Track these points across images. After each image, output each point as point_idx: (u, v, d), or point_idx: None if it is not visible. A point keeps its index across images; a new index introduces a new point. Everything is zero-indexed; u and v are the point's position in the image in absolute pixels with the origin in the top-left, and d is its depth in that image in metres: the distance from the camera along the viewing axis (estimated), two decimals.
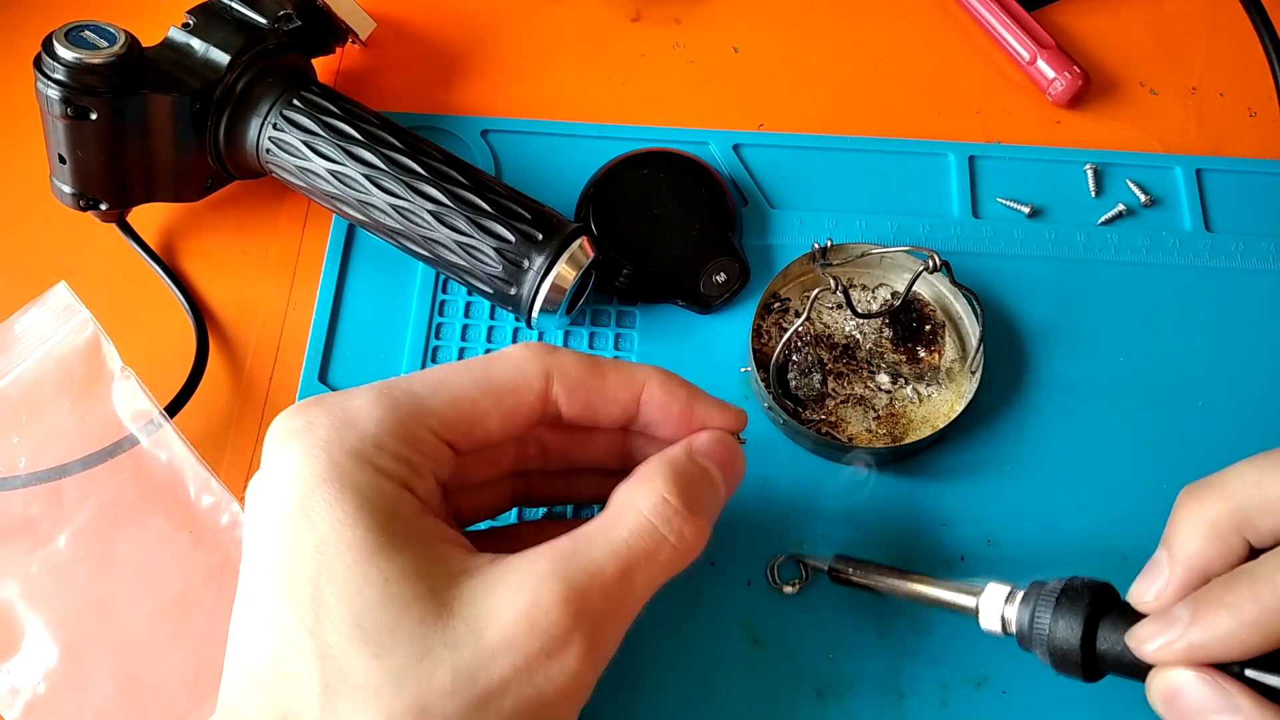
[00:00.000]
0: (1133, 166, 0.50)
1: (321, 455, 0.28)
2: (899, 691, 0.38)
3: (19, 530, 0.40)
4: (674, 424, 0.32)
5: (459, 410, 0.30)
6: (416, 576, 0.27)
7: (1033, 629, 0.31)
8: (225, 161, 0.45)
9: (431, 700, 0.25)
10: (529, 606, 0.26)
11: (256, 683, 0.27)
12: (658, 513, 0.29)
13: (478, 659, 0.26)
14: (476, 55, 0.53)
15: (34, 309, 0.42)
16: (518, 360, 0.31)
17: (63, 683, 0.38)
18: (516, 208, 0.42)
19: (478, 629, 0.26)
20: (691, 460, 0.31)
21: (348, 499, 0.27)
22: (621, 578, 0.28)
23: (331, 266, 0.47)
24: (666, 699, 0.38)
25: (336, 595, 0.26)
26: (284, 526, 0.27)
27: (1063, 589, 0.31)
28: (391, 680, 0.25)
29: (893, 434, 0.42)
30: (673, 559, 0.29)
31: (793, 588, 0.40)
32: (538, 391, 0.31)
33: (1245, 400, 0.44)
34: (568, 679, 0.26)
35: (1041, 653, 0.31)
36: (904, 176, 0.49)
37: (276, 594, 0.27)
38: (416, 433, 0.29)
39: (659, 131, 0.50)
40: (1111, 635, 0.30)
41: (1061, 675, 0.31)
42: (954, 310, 0.44)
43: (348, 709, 0.25)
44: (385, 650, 0.26)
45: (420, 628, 0.26)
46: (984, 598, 0.33)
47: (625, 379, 0.32)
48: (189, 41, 0.43)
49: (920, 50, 0.54)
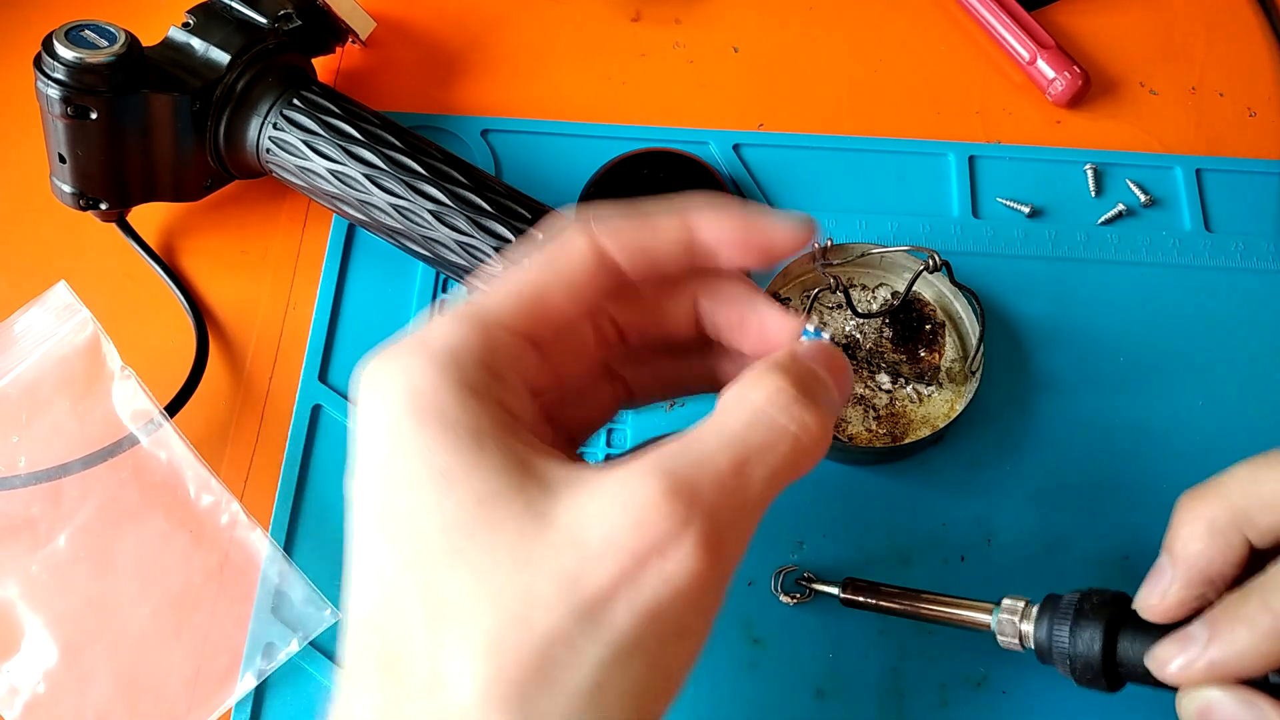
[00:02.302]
0: (1133, 166, 0.50)
1: (400, 388, 0.27)
2: (899, 691, 0.38)
3: (19, 530, 0.40)
4: (736, 246, 0.30)
5: (523, 296, 0.29)
6: (512, 492, 0.25)
7: (1052, 645, 0.31)
8: (225, 161, 0.45)
9: (534, 613, 0.24)
10: (634, 503, 0.24)
11: (371, 627, 0.26)
12: (774, 401, 0.26)
13: (580, 564, 0.24)
14: (476, 55, 0.53)
15: (34, 308, 0.42)
16: (559, 229, 0.30)
17: (62, 682, 0.38)
18: (517, 207, 0.42)
19: (579, 534, 0.24)
20: (800, 361, 0.28)
21: (432, 425, 0.26)
22: (736, 469, 0.25)
23: (331, 266, 0.47)
24: None
25: (432, 525, 0.25)
26: (378, 468, 0.27)
27: (1078, 603, 0.31)
28: (491, 598, 0.24)
29: (893, 434, 0.42)
30: (795, 451, 0.26)
31: (792, 600, 0.40)
32: (586, 250, 0.29)
33: (1246, 400, 0.44)
34: (687, 579, 0.24)
35: (1063, 668, 0.31)
36: (904, 176, 0.49)
37: (378, 537, 0.26)
38: (493, 334, 0.28)
39: (659, 131, 0.50)
40: (1131, 646, 0.30)
41: (1084, 688, 0.31)
42: (954, 310, 0.44)
43: (451, 635, 0.24)
44: (482, 571, 0.24)
45: (519, 542, 0.25)
46: (999, 615, 0.33)
47: (672, 212, 0.30)
48: (189, 41, 0.43)
49: (920, 50, 0.54)
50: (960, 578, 0.40)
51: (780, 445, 0.26)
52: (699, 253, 0.30)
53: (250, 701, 0.38)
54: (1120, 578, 0.40)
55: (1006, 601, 0.33)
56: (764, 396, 0.27)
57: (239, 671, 0.38)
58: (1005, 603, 0.33)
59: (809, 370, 0.28)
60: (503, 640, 0.24)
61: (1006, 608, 0.33)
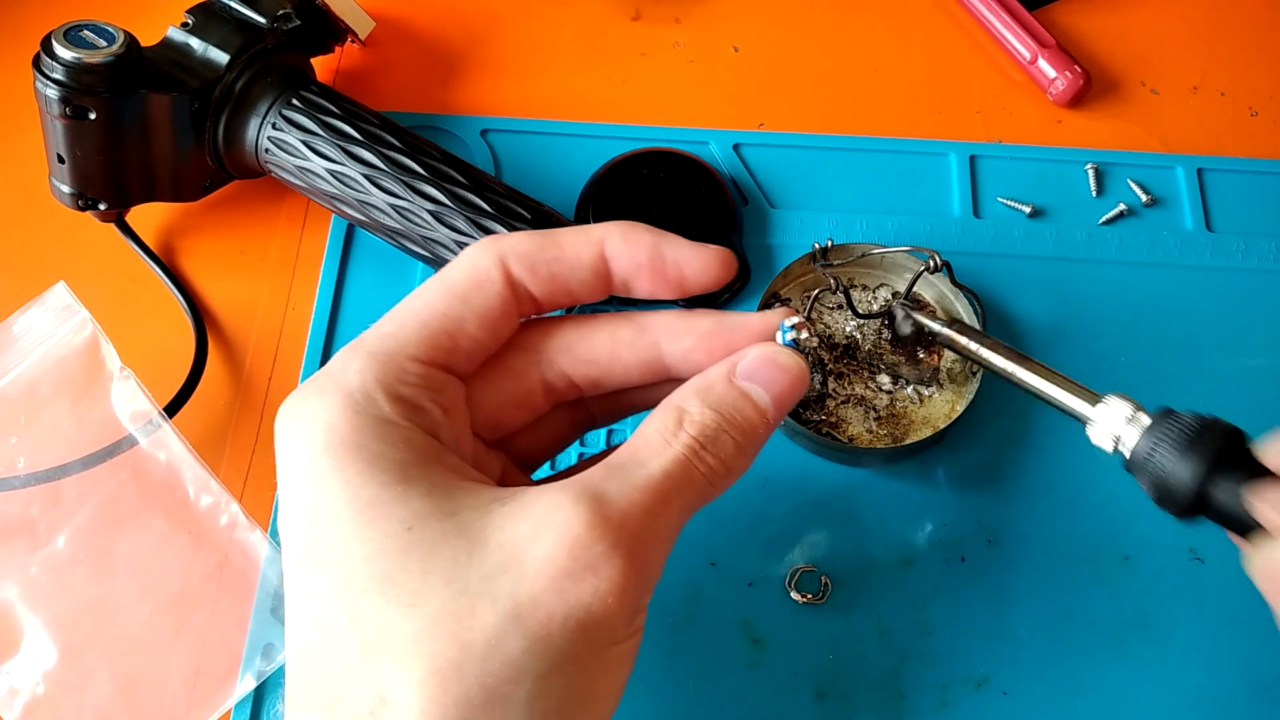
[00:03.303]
0: (1134, 166, 0.50)
1: (318, 425, 0.27)
2: (899, 692, 0.38)
3: (18, 531, 0.40)
4: (650, 277, 0.31)
5: (432, 327, 0.29)
6: (442, 515, 0.26)
7: (1150, 461, 0.30)
8: (224, 161, 0.45)
9: (474, 634, 0.24)
10: (567, 527, 0.25)
11: (308, 658, 0.26)
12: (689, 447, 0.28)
13: (516, 584, 0.25)
14: (476, 55, 0.53)
15: (33, 309, 0.42)
16: (468, 258, 0.30)
17: (62, 683, 0.38)
18: (516, 207, 0.42)
19: (513, 554, 0.25)
20: (729, 384, 0.30)
21: (354, 459, 0.26)
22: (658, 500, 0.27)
23: (331, 266, 0.47)
24: (666, 699, 0.38)
25: (360, 554, 0.25)
26: (303, 505, 0.27)
27: (1198, 429, 0.29)
28: (431, 624, 0.25)
29: (893, 435, 0.42)
30: (708, 487, 0.28)
31: (804, 598, 0.40)
32: (498, 278, 0.30)
33: (1247, 400, 0.44)
34: (616, 592, 0.26)
35: (1147, 483, 0.30)
36: (905, 176, 0.49)
37: (305, 570, 0.26)
38: (403, 366, 0.28)
39: (659, 131, 0.50)
40: (1228, 484, 0.29)
41: (1158, 506, 0.30)
42: (955, 310, 0.44)
43: (390, 662, 0.24)
44: (419, 597, 0.25)
45: (453, 566, 0.25)
46: (1102, 409, 0.31)
47: (583, 239, 0.30)
48: (188, 41, 0.43)
49: (921, 49, 0.54)
50: (961, 579, 0.40)
51: (699, 483, 0.28)
52: (616, 280, 0.31)
53: (250, 702, 0.38)
54: (1122, 578, 0.40)
55: (1114, 399, 0.32)
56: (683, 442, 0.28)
57: (238, 672, 0.38)
58: (1113, 399, 0.32)
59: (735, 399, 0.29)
60: (446, 665, 0.24)
61: (1113, 405, 0.31)
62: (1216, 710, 0.38)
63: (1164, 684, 0.39)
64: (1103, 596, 0.40)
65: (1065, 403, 0.33)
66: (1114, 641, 0.39)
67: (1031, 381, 0.34)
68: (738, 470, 0.29)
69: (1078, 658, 0.39)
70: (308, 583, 0.26)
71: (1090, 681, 0.39)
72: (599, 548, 0.25)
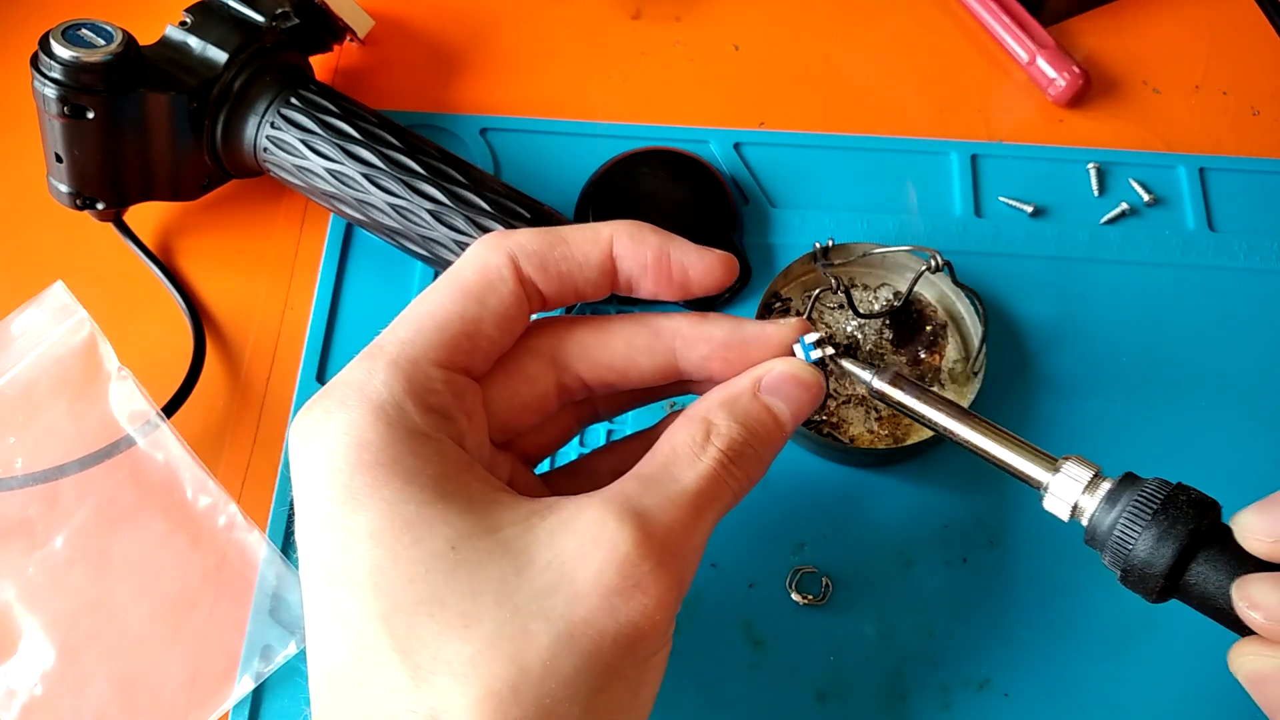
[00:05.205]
0: (1136, 165, 0.49)
1: (347, 441, 0.26)
2: (900, 694, 0.38)
3: (16, 531, 0.39)
4: (654, 277, 0.31)
5: (450, 331, 0.29)
6: (484, 533, 0.26)
7: (1112, 535, 0.27)
8: (223, 160, 0.45)
9: (530, 658, 0.24)
10: (614, 545, 0.26)
11: (346, 680, 0.26)
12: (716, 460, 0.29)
13: (569, 605, 0.25)
14: (476, 53, 0.53)
15: (30, 309, 0.42)
16: (478, 256, 0.30)
17: (60, 684, 0.38)
18: (516, 207, 0.41)
19: (563, 573, 0.25)
20: (754, 399, 0.30)
21: (392, 476, 0.26)
22: (695, 514, 0.28)
23: (329, 266, 0.47)
24: (667, 700, 0.38)
25: (405, 576, 0.25)
26: (334, 526, 0.26)
27: (1165, 499, 0.27)
28: (486, 646, 0.24)
29: (895, 435, 0.42)
30: (738, 495, 0.29)
31: (805, 600, 0.39)
32: (510, 276, 0.30)
33: (1248, 400, 0.44)
34: (658, 609, 0.26)
35: (1111, 560, 0.27)
36: (906, 175, 0.49)
37: (340, 594, 0.26)
38: (427, 373, 0.28)
39: (659, 130, 0.50)
40: (1207, 572, 0.26)
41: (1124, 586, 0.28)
42: (956, 310, 0.44)
43: (445, 684, 0.24)
44: (471, 618, 0.25)
45: (502, 585, 0.25)
46: (1059, 477, 0.29)
47: (590, 237, 0.31)
48: (186, 40, 0.43)
49: (922, 48, 0.54)
50: (963, 580, 0.40)
51: (727, 495, 0.29)
52: (622, 279, 0.31)
53: (248, 704, 0.38)
54: None
55: (1072, 465, 0.29)
56: (713, 456, 0.29)
57: (236, 674, 0.38)
58: (1070, 465, 0.29)
59: (760, 412, 0.30)
60: (503, 686, 0.24)
61: (1071, 471, 0.29)
62: (1217, 711, 0.38)
63: (1165, 685, 0.38)
64: (1105, 598, 0.40)
65: (1020, 469, 0.30)
66: (1116, 643, 0.39)
67: (980, 444, 0.31)
68: (757, 478, 0.30)
69: (1080, 659, 0.39)
70: (342, 606, 0.26)
71: (1092, 683, 0.38)
72: (645, 565, 0.26)
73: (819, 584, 0.40)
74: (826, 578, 0.40)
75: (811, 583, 0.40)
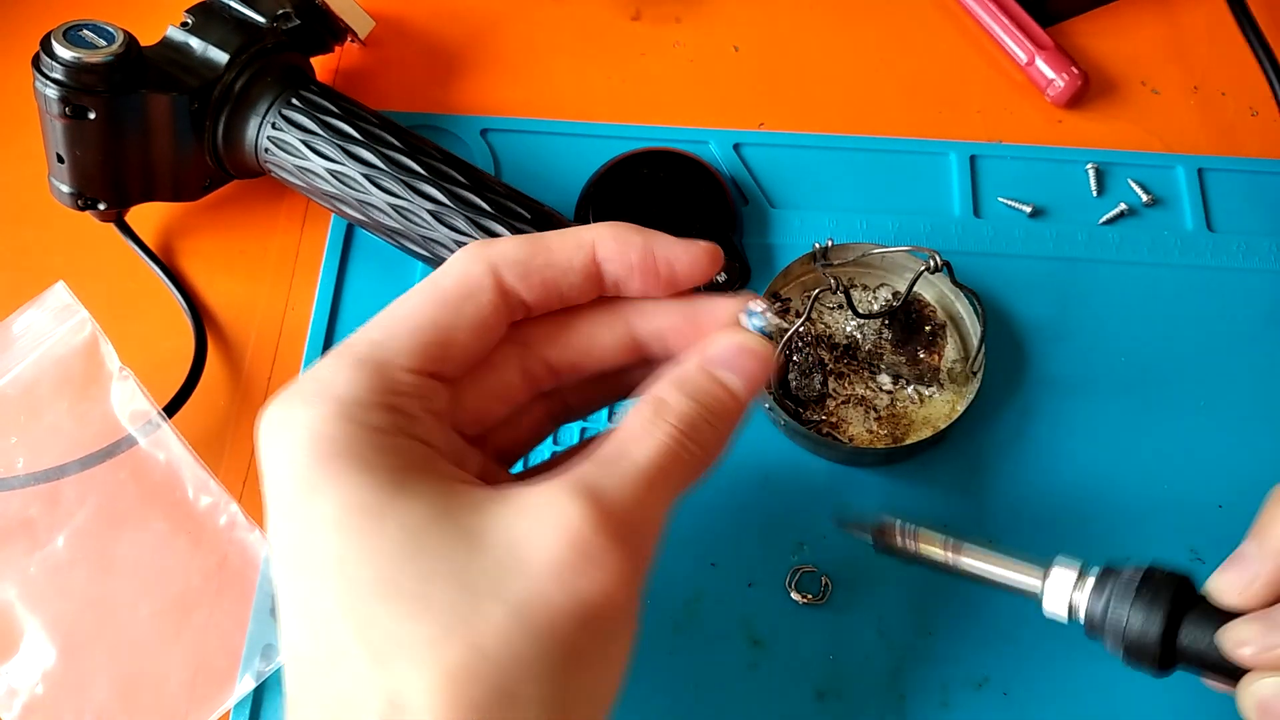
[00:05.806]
0: (1135, 166, 0.50)
1: (309, 435, 0.27)
2: (900, 693, 0.38)
3: (17, 531, 0.40)
4: (641, 277, 0.31)
5: (424, 337, 0.29)
6: (441, 519, 0.26)
7: (1106, 619, 0.30)
8: (224, 161, 0.45)
9: (486, 639, 0.25)
10: (569, 526, 0.26)
11: (311, 666, 0.26)
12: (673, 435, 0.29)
13: (525, 585, 0.25)
14: (476, 54, 0.53)
15: (32, 309, 0.42)
16: (459, 264, 0.30)
17: (61, 684, 0.38)
18: (516, 207, 0.42)
19: (518, 555, 0.26)
20: (703, 373, 0.30)
21: (350, 469, 0.26)
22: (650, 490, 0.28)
23: (330, 266, 0.47)
24: (666, 700, 0.38)
25: (362, 563, 0.25)
26: (296, 515, 0.27)
27: (1142, 579, 0.30)
28: (441, 628, 0.25)
29: (894, 434, 0.42)
30: (696, 468, 0.29)
31: (804, 599, 0.39)
32: (490, 286, 0.30)
33: (1248, 400, 0.44)
34: (617, 585, 0.26)
35: (1112, 643, 0.30)
36: (905, 176, 0.49)
37: (302, 581, 0.26)
38: (394, 376, 0.28)
39: (659, 131, 0.50)
40: (1194, 632, 0.29)
41: (1130, 666, 0.30)
42: (955, 310, 0.44)
43: (403, 668, 0.24)
44: (427, 601, 0.25)
45: (457, 568, 0.25)
46: (1050, 581, 0.31)
47: (573, 242, 0.31)
48: (187, 40, 0.43)
49: (921, 49, 0.54)
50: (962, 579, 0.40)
51: (683, 469, 0.29)
52: (608, 283, 0.31)
53: (249, 703, 0.38)
54: None
55: (1058, 569, 0.31)
56: (665, 431, 0.29)
57: (238, 673, 0.38)
58: (1056, 570, 0.31)
59: (709, 385, 0.30)
60: (459, 667, 0.24)
61: (1058, 576, 0.31)
62: (1217, 711, 0.38)
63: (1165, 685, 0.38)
64: None
65: (1014, 583, 0.32)
66: None
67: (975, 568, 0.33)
68: (716, 452, 0.30)
69: (1078, 658, 0.39)
70: (306, 592, 0.26)
71: (1091, 682, 0.38)
72: (599, 540, 0.26)
73: (818, 583, 0.40)
74: (826, 577, 0.40)
75: (811, 582, 0.40)
